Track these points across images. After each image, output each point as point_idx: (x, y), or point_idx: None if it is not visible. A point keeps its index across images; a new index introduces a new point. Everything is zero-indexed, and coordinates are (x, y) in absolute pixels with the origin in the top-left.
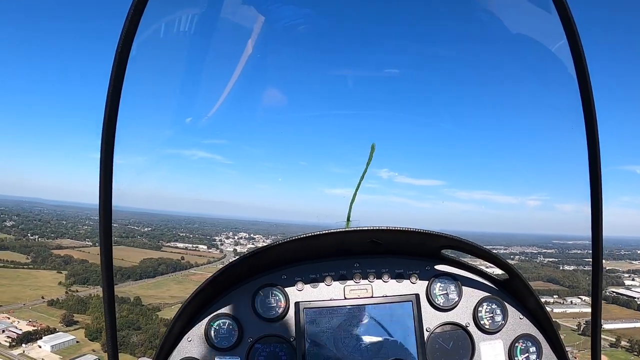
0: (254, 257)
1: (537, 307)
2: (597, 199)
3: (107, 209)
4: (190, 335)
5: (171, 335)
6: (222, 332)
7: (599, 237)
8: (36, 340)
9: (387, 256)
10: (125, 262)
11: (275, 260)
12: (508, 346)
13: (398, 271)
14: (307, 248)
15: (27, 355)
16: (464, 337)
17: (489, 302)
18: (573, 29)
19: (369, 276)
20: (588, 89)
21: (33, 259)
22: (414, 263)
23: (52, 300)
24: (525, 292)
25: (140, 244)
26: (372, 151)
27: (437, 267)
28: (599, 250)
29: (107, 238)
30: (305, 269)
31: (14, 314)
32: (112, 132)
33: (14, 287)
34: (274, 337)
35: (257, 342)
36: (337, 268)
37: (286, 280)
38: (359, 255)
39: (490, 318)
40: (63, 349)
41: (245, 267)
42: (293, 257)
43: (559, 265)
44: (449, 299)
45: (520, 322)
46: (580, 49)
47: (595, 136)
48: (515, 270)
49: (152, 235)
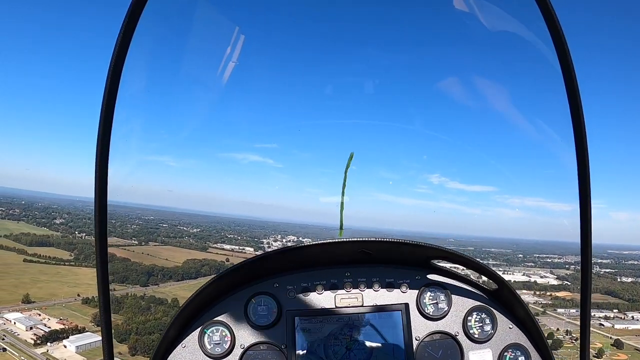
0: (247, 266)
1: (526, 317)
2: (585, 203)
3: (102, 209)
4: (185, 341)
5: (165, 341)
6: (215, 339)
7: (588, 242)
8: (62, 340)
9: (377, 265)
10: (169, 263)
11: (267, 269)
12: (497, 355)
13: (388, 280)
14: (298, 257)
15: (50, 355)
16: (453, 346)
17: (478, 311)
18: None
19: (360, 285)
20: (576, 95)
21: (76, 256)
22: (404, 272)
23: (87, 299)
24: (515, 301)
25: (186, 244)
26: (350, 159)
27: (427, 276)
28: (588, 255)
29: (102, 240)
30: (297, 277)
31: (47, 311)
32: (107, 131)
33: (52, 284)
34: (266, 345)
35: (248, 350)
36: (328, 277)
37: (278, 288)
38: (350, 264)
39: (480, 327)
40: (89, 350)
41: (238, 276)
42: (285, 266)
43: (616, 277)
44: (439, 308)
45: (509, 331)
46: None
47: (583, 137)
48: (505, 281)
49: (199, 236)
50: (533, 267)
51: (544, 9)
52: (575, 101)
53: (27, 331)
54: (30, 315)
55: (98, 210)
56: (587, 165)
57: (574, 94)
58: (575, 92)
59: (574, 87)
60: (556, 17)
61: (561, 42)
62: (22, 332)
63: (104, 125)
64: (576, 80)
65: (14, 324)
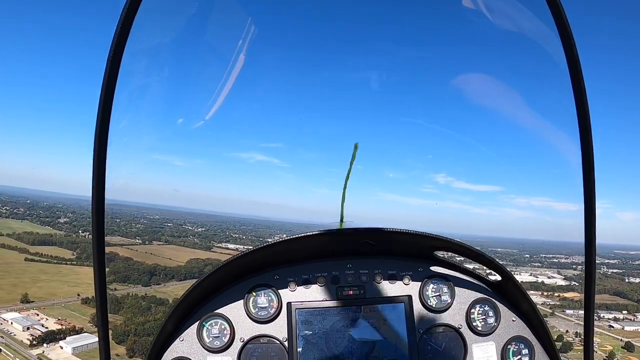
0: (247, 257)
1: (530, 310)
2: (590, 202)
3: (99, 208)
4: (183, 334)
5: (163, 335)
6: (214, 332)
7: (592, 241)
8: (59, 341)
9: (379, 257)
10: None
11: (268, 260)
12: (501, 348)
13: (391, 272)
14: (299, 249)
15: (45, 357)
16: (456, 338)
17: (481, 304)
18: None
19: (362, 277)
20: (582, 92)
21: (78, 255)
22: (407, 264)
23: (87, 298)
24: (519, 294)
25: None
26: (355, 150)
27: (430, 268)
28: (592, 255)
29: (99, 239)
30: (298, 269)
31: (45, 311)
32: (105, 130)
33: (53, 283)
34: (266, 338)
35: (248, 343)
36: (329, 269)
37: (279, 280)
38: (351, 256)
39: (483, 320)
40: (85, 351)
41: (237, 268)
42: (286, 258)
43: (624, 277)
44: (442, 300)
45: (513, 324)
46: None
47: (588, 136)
48: (509, 273)
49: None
50: (540, 268)
51: (553, 7)
52: (582, 100)
53: (23, 332)
54: (28, 315)
55: (95, 209)
56: (592, 165)
57: (580, 93)
58: (581, 91)
59: (580, 87)
60: (565, 16)
61: (569, 41)
62: (19, 333)
63: (101, 123)
64: (583, 80)
65: (11, 324)
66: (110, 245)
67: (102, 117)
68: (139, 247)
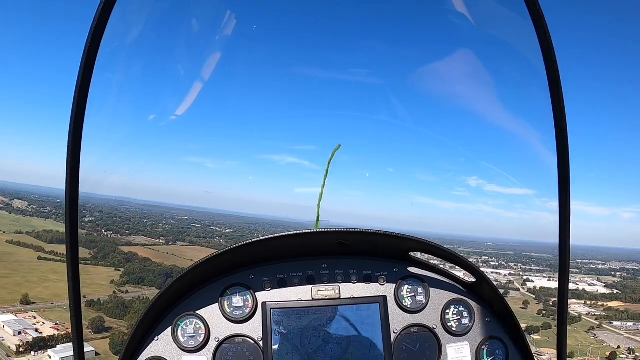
0: (222, 256)
1: (504, 310)
2: (565, 206)
3: (73, 204)
4: (158, 334)
5: (138, 334)
6: (189, 332)
7: (566, 244)
8: (48, 349)
9: (355, 258)
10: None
11: (243, 260)
12: (475, 348)
13: (366, 273)
14: (274, 248)
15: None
16: (431, 339)
17: (456, 304)
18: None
19: (337, 277)
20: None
21: (95, 254)
22: (382, 265)
23: (92, 301)
24: (493, 295)
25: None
26: (336, 150)
27: (405, 269)
28: (566, 259)
29: (73, 237)
30: (273, 269)
31: (44, 314)
32: (80, 123)
33: (60, 283)
34: (241, 338)
35: (223, 343)
36: (305, 269)
37: (254, 280)
38: (327, 256)
39: (458, 320)
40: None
41: (212, 267)
42: (261, 257)
43: None
44: (417, 301)
45: (487, 324)
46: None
47: (564, 138)
48: (483, 274)
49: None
50: (578, 274)
51: (531, 9)
52: (559, 102)
53: (14, 336)
54: (24, 319)
55: (69, 204)
56: (567, 166)
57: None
58: (559, 93)
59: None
60: (545, 21)
61: (548, 43)
62: (8, 337)
63: (75, 118)
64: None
65: (3, 328)
66: (131, 245)
67: (76, 115)
68: (161, 247)
